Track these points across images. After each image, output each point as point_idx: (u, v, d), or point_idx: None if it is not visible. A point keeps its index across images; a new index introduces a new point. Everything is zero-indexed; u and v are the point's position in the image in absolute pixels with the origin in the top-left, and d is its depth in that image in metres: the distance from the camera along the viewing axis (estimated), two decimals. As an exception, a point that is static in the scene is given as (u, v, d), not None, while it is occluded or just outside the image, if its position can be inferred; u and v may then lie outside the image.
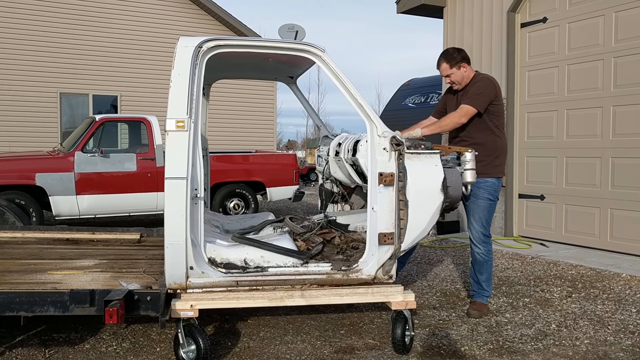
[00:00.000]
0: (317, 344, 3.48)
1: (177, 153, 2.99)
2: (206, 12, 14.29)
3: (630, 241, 6.09)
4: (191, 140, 3.00)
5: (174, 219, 2.98)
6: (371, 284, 3.28)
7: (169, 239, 2.99)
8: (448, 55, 4.04)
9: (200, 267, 3.06)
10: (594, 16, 6.44)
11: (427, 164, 3.29)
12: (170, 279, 3.05)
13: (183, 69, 3.03)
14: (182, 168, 2.98)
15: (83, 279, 3.39)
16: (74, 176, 7.18)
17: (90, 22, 13.05)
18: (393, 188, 3.22)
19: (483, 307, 4.10)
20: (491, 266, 4.15)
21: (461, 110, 3.89)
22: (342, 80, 3.23)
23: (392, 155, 3.22)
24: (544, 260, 5.93)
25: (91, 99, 13.13)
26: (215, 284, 3.10)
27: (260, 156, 8.86)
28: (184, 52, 3.05)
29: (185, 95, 3.00)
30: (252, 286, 3.15)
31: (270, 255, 3.24)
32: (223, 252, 3.22)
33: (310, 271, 3.22)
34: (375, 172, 3.22)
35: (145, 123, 7.86)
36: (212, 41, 3.11)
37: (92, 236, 4.77)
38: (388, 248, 3.24)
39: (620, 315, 4.06)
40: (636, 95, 6.01)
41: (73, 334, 3.57)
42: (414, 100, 12.26)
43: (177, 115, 2.99)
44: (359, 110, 3.25)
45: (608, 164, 6.30)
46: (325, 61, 3.23)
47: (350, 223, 4.12)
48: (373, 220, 3.24)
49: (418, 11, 8.67)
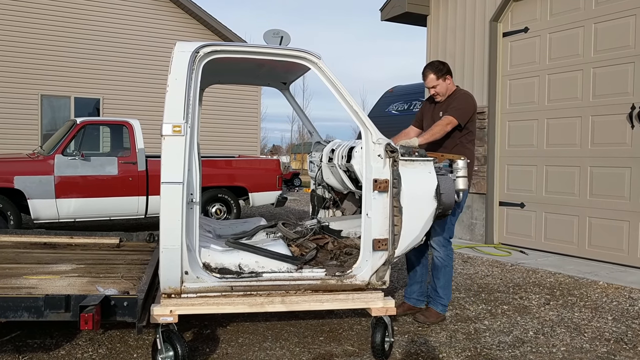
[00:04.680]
0: (296, 350, 3.47)
1: (174, 158, 2.97)
2: (191, 16, 14.25)
3: (607, 249, 6.17)
4: (187, 145, 2.99)
5: (170, 224, 2.96)
6: (364, 289, 3.29)
7: (164, 244, 2.97)
8: (435, 67, 4.14)
9: (195, 272, 3.05)
10: (574, 27, 6.54)
11: (421, 171, 3.32)
12: (165, 284, 3.02)
13: (180, 74, 3.01)
14: (178, 173, 2.97)
15: (59, 284, 3.35)
16: (53, 179, 7.10)
17: (72, 23, 12.94)
18: (387, 194, 3.24)
19: (433, 315, 4.04)
20: (450, 272, 4.11)
21: (446, 119, 3.98)
22: (338, 88, 3.25)
23: (386, 162, 3.24)
24: (524, 267, 5.99)
25: (73, 102, 13.00)
26: (209, 289, 3.09)
27: (243, 161, 8.83)
28: (181, 57, 3.04)
29: (182, 100, 2.99)
30: (247, 291, 3.15)
31: (264, 261, 3.25)
32: (217, 257, 3.21)
33: (304, 277, 3.23)
34: (370, 178, 3.24)
35: (127, 127, 7.80)
36: (209, 47, 3.10)
37: (70, 240, 4.71)
38: (382, 254, 3.26)
39: (597, 323, 4.11)
40: (614, 105, 6.11)
41: (48, 340, 3.52)
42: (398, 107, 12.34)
43: (173, 119, 2.98)
44: (354, 117, 3.28)
45: (587, 173, 6.39)
46: (321, 68, 3.25)
47: (343, 229, 4.14)
48: (367, 226, 3.25)
49: (402, 19, 8.75)
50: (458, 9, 7.95)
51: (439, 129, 3.95)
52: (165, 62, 13.95)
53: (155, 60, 13.82)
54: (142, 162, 7.68)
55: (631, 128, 5.94)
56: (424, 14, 8.48)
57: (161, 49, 13.90)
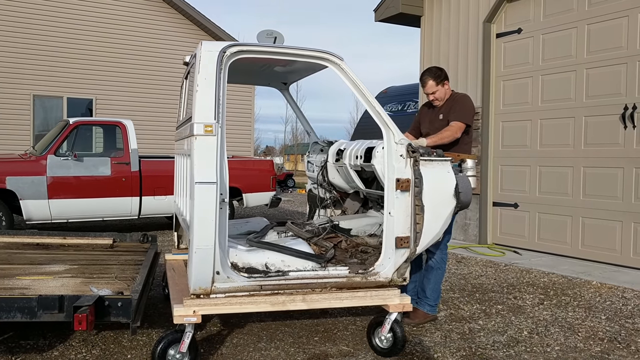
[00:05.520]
0: (291, 350, 3.46)
1: (206, 157, 2.97)
2: (184, 16, 14.21)
3: (600, 249, 6.20)
4: (219, 144, 2.99)
5: (204, 224, 2.95)
6: (386, 286, 3.36)
7: (197, 244, 2.95)
8: (433, 73, 4.18)
9: (225, 272, 3.05)
10: (567, 28, 6.57)
11: (440, 170, 3.41)
12: (196, 284, 3.00)
13: (209, 73, 3.00)
14: (211, 172, 2.96)
15: (52, 285, 3.33)
16: (46, 180, 7.06)
17: (65, 23, 12.88)
18: (409, 194, 3.31)
19: (420, 315, 4.02)
20: (441, 275, 4.09)
21: (457, 125, 4.01)
22: (361, 89, 3.29)
23: (408, 162, 3.31)
24: (517, 267, 6.00)
25: (65, 102, 12.93)
26: (239, 288, 3.08)
27: (237, 162, 8.82)
28: (209, 57, 3.02)
29: (212, 99, 2.98)
30: (275, 290, 3.16)
31: (290, 260, 3.27)
32: (244, 257, 3.22)
33: (330, 275, 3.26)
34: (392, 178, 3.30)
35: (120, 127, 7.77)
36: (236, 47, 3.10)
37: (63, 241, 4.69)
38: (404, 251, 3.33)
39: (590, 322, 4.12)
40: (607, 106, 6.14)
41: (41, 341, 3.49)
42: (392, 108, 12.35)
43: (204, 119, 2.97)
44: (375, 117, 3.33)
45: (580, 173, 6.42)
46: (344, 69, 3.27)
47: (352, 227, 4.19)
48: (390, 225, 3.32)
49: (396, 20, 8.76)
50: (452, 9, 7.97)
51: (450, 134, 3.98)
52: (158, 62, 13.92)
53: (148, 60, 13.79)
54: (135, 162, 7.65)
55: (624, 129, 5.97)
56: (418, 15, 8.50)
57: (154, 49, 13.86)
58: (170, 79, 13.96)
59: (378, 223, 4.21)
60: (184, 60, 3.78)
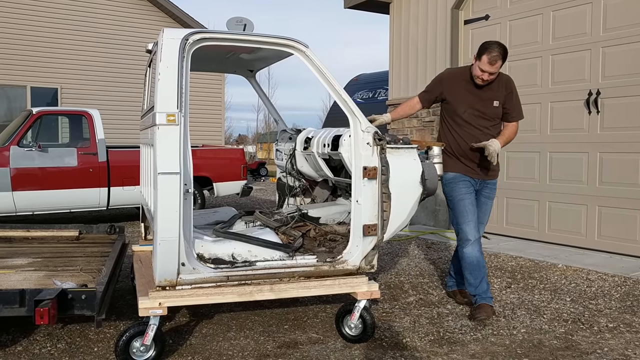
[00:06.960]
0: (261, 339, 3.45)
1: (169, 148, 2.92)
2: (150, 3, 13.94)
3: (566, 232, 6.33)
4: (182, 134, 2.94)
5: (168, 215, 2.90)
6: (354, 274, 3.37)
7: (162, 235, 2.90)
8: (505, 51, 3.79)
9: (191, 264, 3.01)
10: (533, 14, 6.63)
11: (406, 157, 3.42)
12: (161, 276, 2.96)
13: (171, 62, 2.93)
14: (175, 163, 2.92)
15: (14, 279, 3.25)
16: (9, 171, 6.89)
17: (29, 10, 12.52)
18: (376, 181, 3.32)
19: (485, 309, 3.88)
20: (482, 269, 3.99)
21: (517, 126, 4.10)
22: (326, 76, 3.27)
23: (374, 150, 3.32)
24: (486, 252, 6.09)
25: (29, 91, 12.61)
26: (205, 279, 3.05)
27: (207, 151, 8.73)
28: (171, 44, 2.95)
29: (175, 88, 2.93)
30: (242, 281, 3.15)
31: (257, 250, 3.26)
32: (210, 248, 3.19)
33: (298, 264, 3.26)
34: (359, 166, 3.30)
35: (86, 117, 7.62)
36: (198, 34, 3.04)
37: (26, 234, 4.59)
38: (372, 239, 3.35)
39: (555, 305, 4.21)
40: (572, 92, 6.23)
41: (4, 336, 3.42)
42: (362, 96, 12.34)
43: (167, 108, 2.91)
44: (342, 105, 3.31)
45: (546, 158, 6.52)
46: (309, 56, 3.25)
47: (321, 216, 4.18)
48: (357, 213, 3.32)
49: (365, 7, 8.73)
50: (420, -4, 7.97)
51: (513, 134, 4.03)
52: (126, 50, 13.65)
53: (115, 48, 13.51)
54: (103, 152, 7.52)
55: (588, 114, 6.08)
56: (387, 2, 8.48)
57: (121, 37, 13.59)
58: (137, 67, 13.71)
59: (347, 211, 4.21)
60: (146, 48, 3.71)
